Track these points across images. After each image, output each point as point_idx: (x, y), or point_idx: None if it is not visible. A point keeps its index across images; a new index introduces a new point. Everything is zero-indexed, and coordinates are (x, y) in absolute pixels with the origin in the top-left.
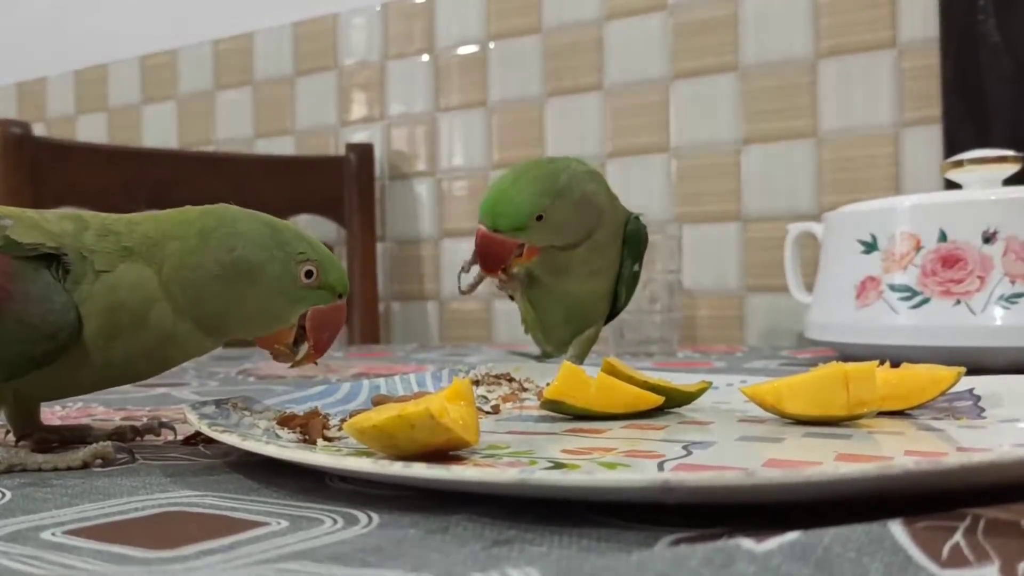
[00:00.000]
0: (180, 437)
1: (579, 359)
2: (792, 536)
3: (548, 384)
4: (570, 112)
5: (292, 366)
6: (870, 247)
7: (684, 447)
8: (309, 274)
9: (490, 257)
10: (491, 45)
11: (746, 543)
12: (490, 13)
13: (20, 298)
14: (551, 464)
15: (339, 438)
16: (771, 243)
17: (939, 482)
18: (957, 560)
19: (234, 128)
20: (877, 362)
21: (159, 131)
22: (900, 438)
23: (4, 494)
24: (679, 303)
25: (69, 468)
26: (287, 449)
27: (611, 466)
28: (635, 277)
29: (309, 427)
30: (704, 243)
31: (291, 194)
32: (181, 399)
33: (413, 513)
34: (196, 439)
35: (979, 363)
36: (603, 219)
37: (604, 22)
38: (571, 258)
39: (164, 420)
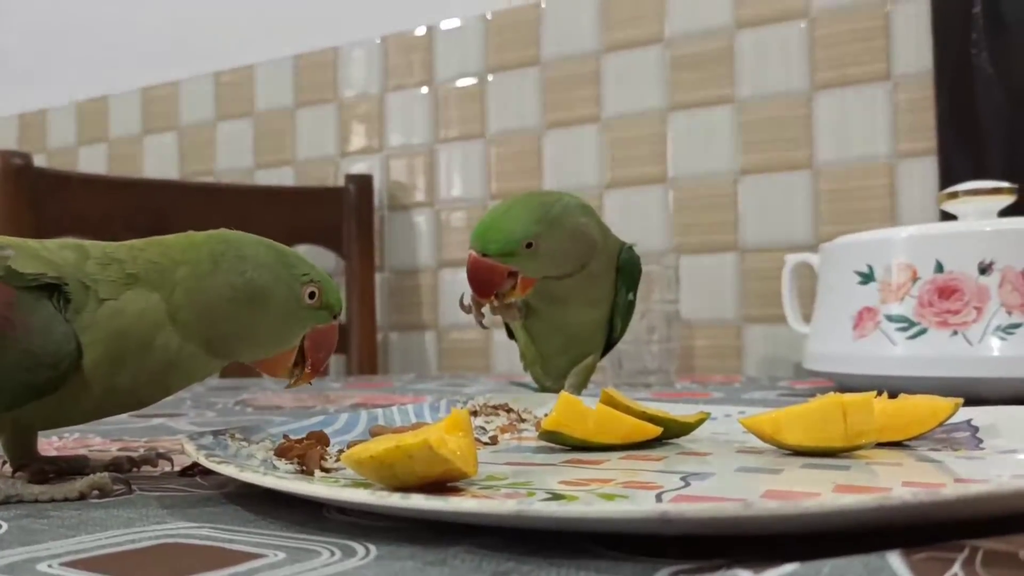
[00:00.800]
0: (177, 468)
1: (577, 389)
2: (790, 568)
3: (546, 415)
4: (568, 143)
5: (289, 386)
6: (867, 278)
7: (682, 478)
8: (312, 295)
9: (479, 282)
10: (490, 77)
11: (744, 575)
12: (489, 46)
13: (22, 328)
14: (549, 495)
15: (336, 469)
16: (768, 273)
17: (937, 513)
18: None
19: (234, 159)
20: (874, 393)
21: (160, 162)
22: (898, 469)
23: (1, 525)
24: (677, 333)
25: (66, 499)
26: (284, 480)
27: (609, 497)
28: (630, 306)
29: (307, 458)
30: (701, 273)
31: (291, 224)
32: (178, 430)
33: (411, 545)
34: (193, 470)
35: (976, 394)
36: (596, 251)
37: (602, 54)
38: (566, 288)
39: (161, 451)
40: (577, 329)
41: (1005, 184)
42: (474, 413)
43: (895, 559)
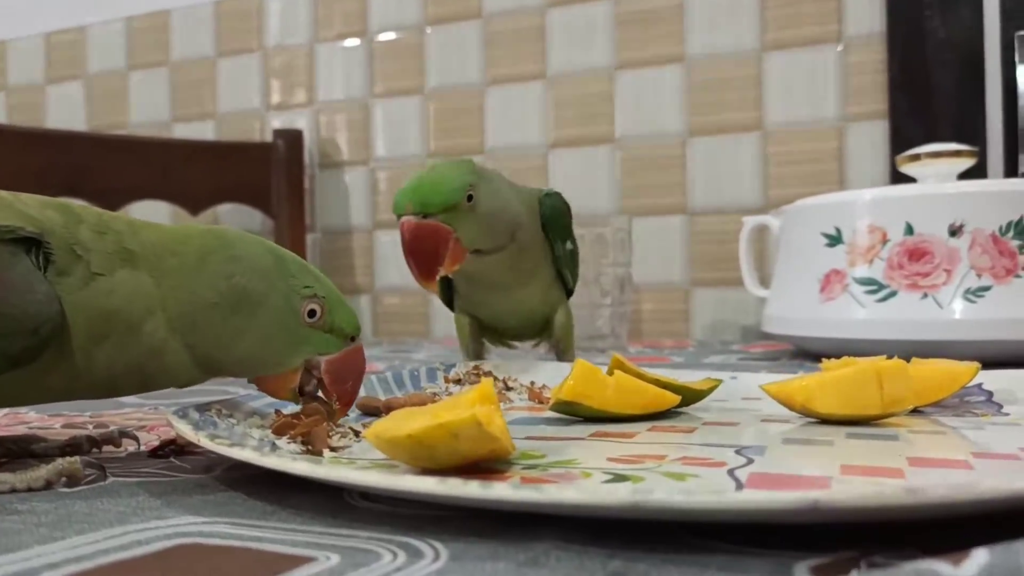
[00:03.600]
0: (144, 448)
1: (571, 354)
2: (982, 556)
3: (533, 383)
4: (511, 101)
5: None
6: (835, 240)
7: (736, 452)
8: (312, 313)
9: (424, 252)
10: (428, 30)
11: (942, 567)
12: None
13: None
14: (611, 476)
15: (343, 447)
16: (717, 236)
17: None
18: None
19: (149, 111)
20: (885, 357)
21: (64, 113)
22: (943, 438)
23: None
24: (629, 297)
25: (30, 489)
26: (329, 468)
27: (679, 477)
28: (574, 254)
29: (312, 436)
30: (649, 236)
31: (215, 182)
32: (125, 403)
33: (483, 541)
34: (164, 450)
35: (945, 357)
36: (522, 220)
37: (547, 9)
38: (499, 270)
39: (125, 429)
40: (522, 300)
41: (966, 147)
42: (458, 381)
43: None
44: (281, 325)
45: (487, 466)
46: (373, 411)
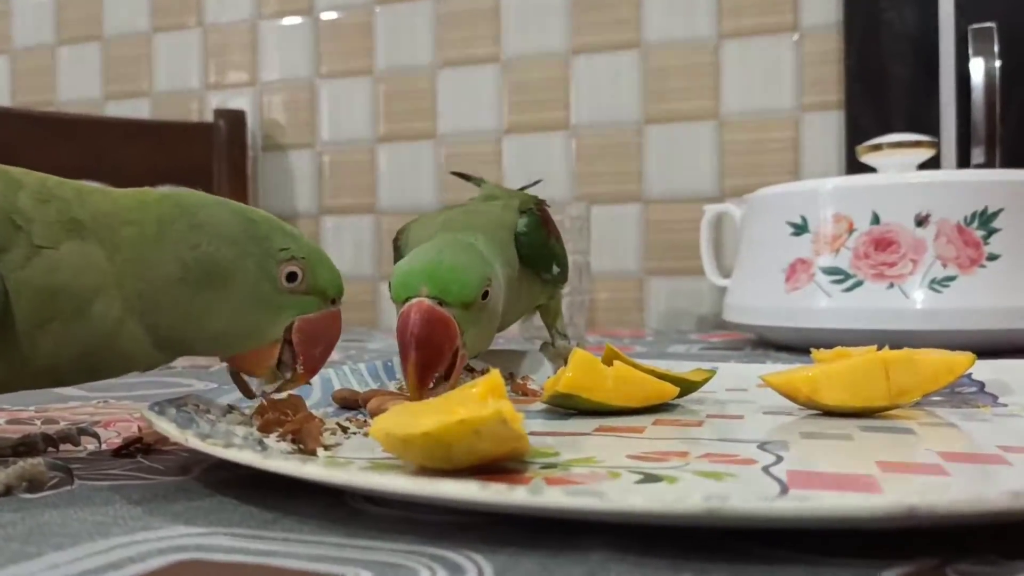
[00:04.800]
0: (105, 446)
1: (561, 340)
2: None
3: (513, 375)
4: (464, 84)
5: (276, 391)
6: (800, 229)
7: (760, 447)
8: (292, 276)
9: (431, 349)
10: (377, 9)
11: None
12: None
13: None
14: (641, 476)
15: (334, 445)
16: (672, 225)
17: None
18: None
19: (79, 88)
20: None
21: None
22: (956, 431)
23: None
24: (587, 286)
25: None
26: (348, 473)
27: (716, 476)
28: (562, 273)
29: (303, 434)
30: (604, 225)
31: (152, 163)
32: (72, 395)
33: (524, 552)
34: (130, 448)
35: (911, 347)
36: (505, 300)
37: None
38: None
39: (83, 425)
40: (510, 320)
41: (927, 138)
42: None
43: None
44: (256, 295)
45: (500, 466)
46: (351, 404)
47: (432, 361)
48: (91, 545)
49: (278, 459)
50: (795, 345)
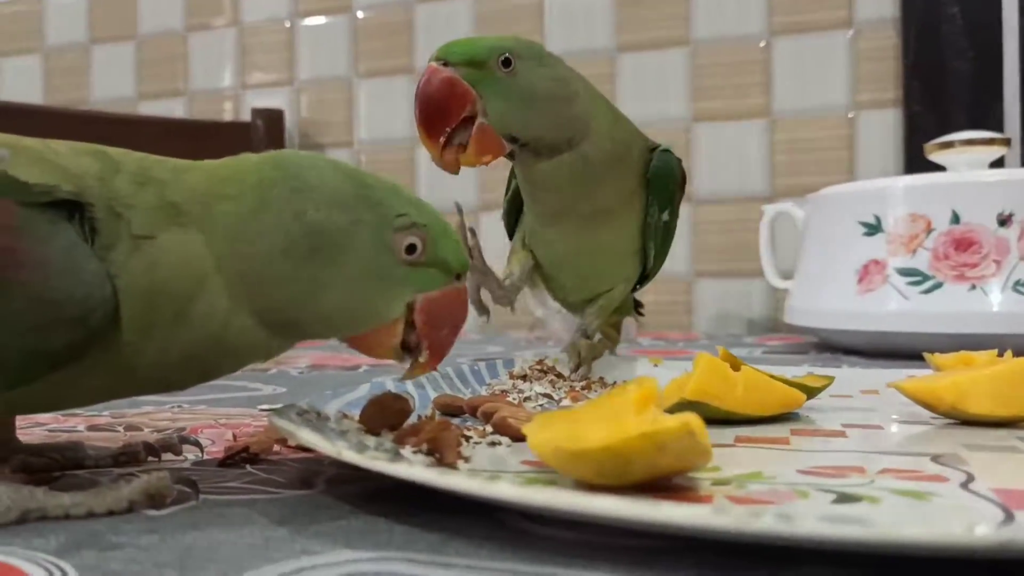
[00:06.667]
0: (206, 455)
1: (593, 331)
2: None
3: (603, 379)
4: None
5: (403, 378)
6: (873, 229)
7: (934, 461)
8: (412, 248)
9: (430, 100)
10: (417, 7)
11: None
12: None
13: (34, 264)
14: (835, 496)
15: (468, 457)
16: (722, 226)
17: None
18: None
19: (113, 87)
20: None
21: (20, 89)
22: None
23: (63, 572)
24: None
25: (111, 512)
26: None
27: (917, 495)
28: (667, 229)
29: (441, 444)
30: None
31: None
32: (150, 400)
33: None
34: (234, 458)
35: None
36: (590, 128)
37: None
38: (558, 177)
39: (183, 433)
40: (591, 257)
41: (999, 135)
42: (523, 377)
43: None
44: (372, 268)
45: (665, 482)
46: (455, 411)
47: (432, 115)
48: (257, 573)
49: (461, 478)
50: (865, 349)
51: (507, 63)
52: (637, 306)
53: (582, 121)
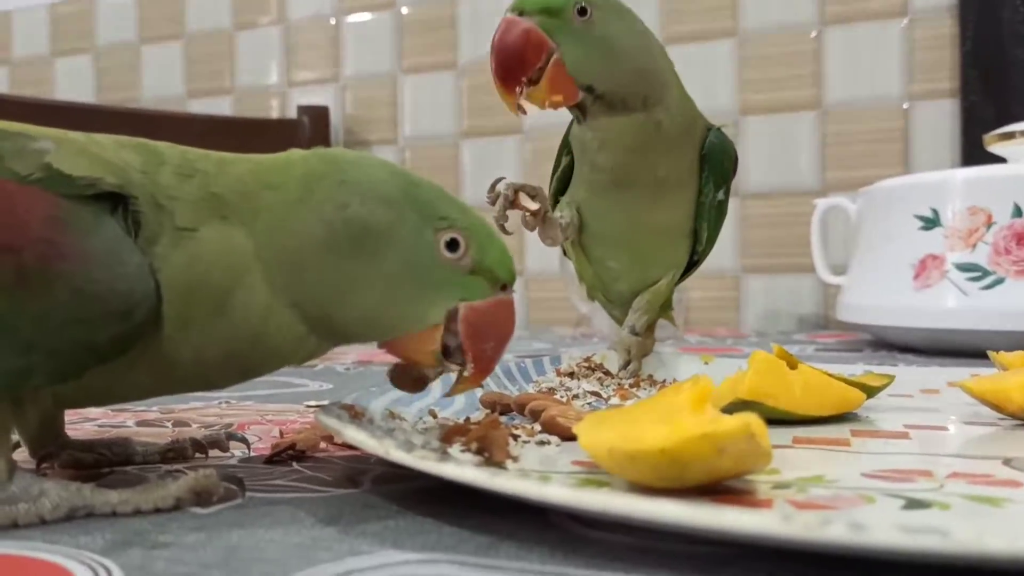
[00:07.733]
0: (252, 451)
1: (642, 327)
2: None
3: (652, 376)
4: None
5: (449, 393)
6: (931, 223)
7: (1007, 464)
8: (453, 245)
9: (506, 51)
10: (460, 2)
11: None
12: None
13: (76, 257)
14: (904, 502)
15: (517, 456)
16: (771, 220)
17: None
18: None
19: (162, 86)
20: None
21: (73, 87)
22: None
23: (108, 571)
24: (684, 283)
25: (157, 509)
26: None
27: (993, 502)
28: (720, 209)
29: (490, 443)
30: None
31: None
32: (197, 395)
33: None
34: (282, 455)
35: None
36: (666, 89)
37: None
38: (626, 135)
39: (230, 430)
40: (644, 235)
41: None
42: (570, 374)
43: None
44: (413, 266)
45: (722, 485)
46: (503, 410)
47: (508, 64)
48: (304, 574)
49: (513, 479)
50: (921, 347)
51: (583, 12)
52: None
53: (659, 81)
